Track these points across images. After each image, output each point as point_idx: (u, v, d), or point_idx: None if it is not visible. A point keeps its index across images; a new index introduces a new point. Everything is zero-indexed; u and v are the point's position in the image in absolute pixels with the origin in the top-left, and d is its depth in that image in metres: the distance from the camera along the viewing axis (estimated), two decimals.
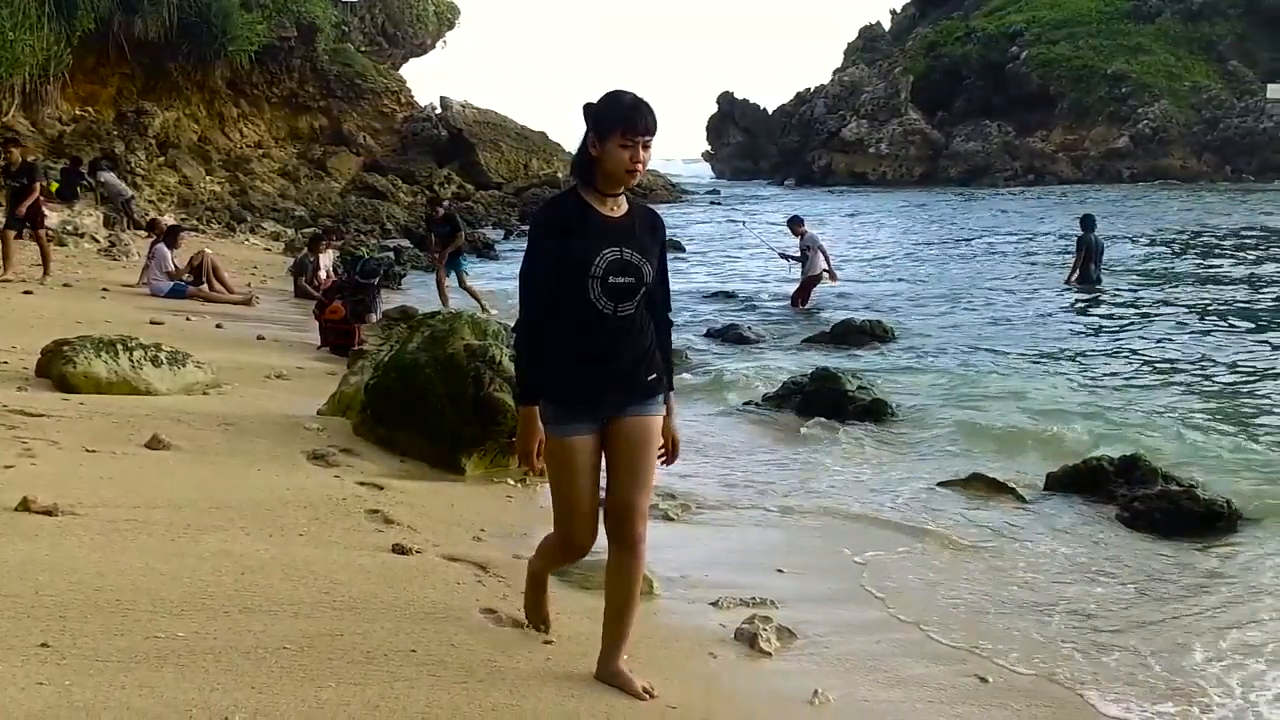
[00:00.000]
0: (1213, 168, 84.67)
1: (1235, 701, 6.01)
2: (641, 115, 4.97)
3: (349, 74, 59.92)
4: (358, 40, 65.10)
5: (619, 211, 5.09)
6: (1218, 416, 13.24)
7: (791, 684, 5.63)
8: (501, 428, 9.22)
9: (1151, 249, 35.68)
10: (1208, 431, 12.42)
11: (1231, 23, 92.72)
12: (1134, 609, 7.32)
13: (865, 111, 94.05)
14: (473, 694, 4.81)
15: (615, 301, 4.98)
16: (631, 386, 5.10)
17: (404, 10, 69.79)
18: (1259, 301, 23.62)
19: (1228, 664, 6.46)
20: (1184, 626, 7.02)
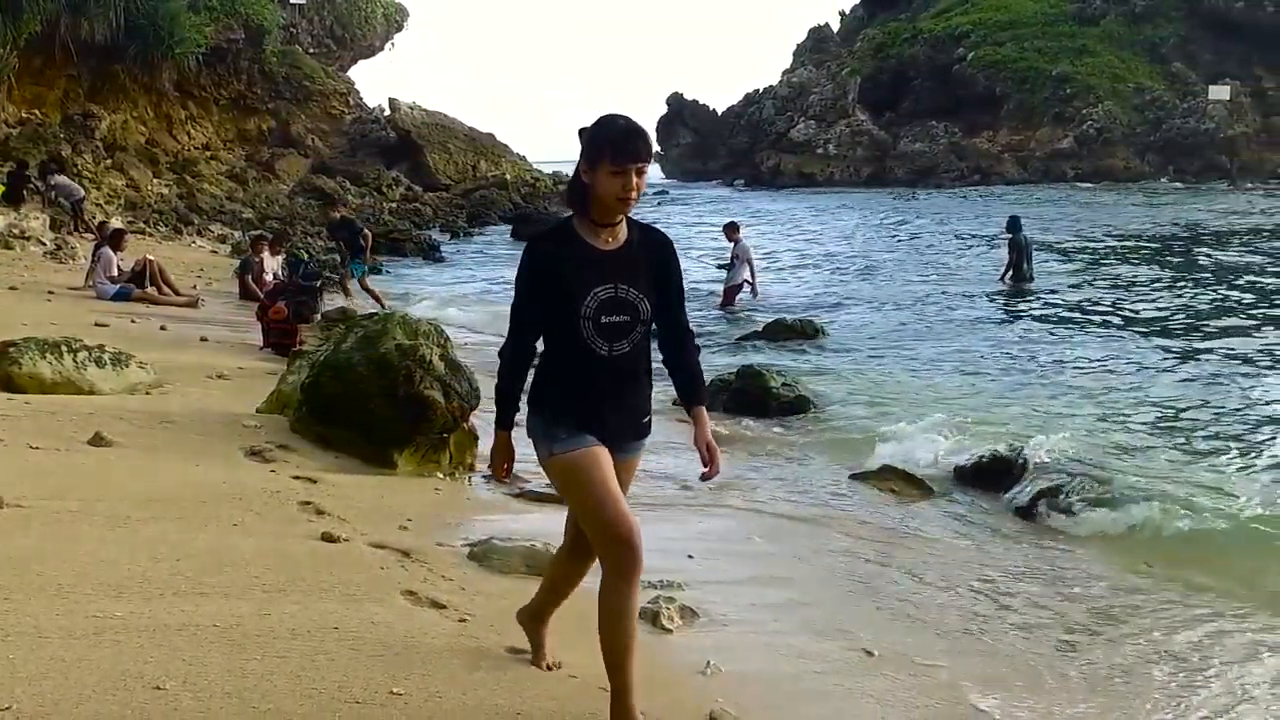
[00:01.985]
0: (1156, 168, 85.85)
1: (1106, 679, 6.51)
2: (632, 141, 4.77)
3: (297, 76, 59.95)
4: (306, 42, 65.12)
5: (615, 242, 4.90)
6: (1126, 412, 13.82)
7: (687, 657, 6.08)
8: (431, 424, 9.65)
9: (1083, 249, 36.39)
10: (1115, 426, 12.99)
11: (1174, 25, 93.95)
12: (1021, 593, 7.84)
13: (813, 113, 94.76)
14: (388, 665, 5.19)
15: (610, 341, 4.82)
16: (629, 427, 5.01)
17: (352, 12, 69.80)
18: (1178, 302, 24.30)
19: (1103, 643, 6.98)
20: (1067, 609, 7.54)
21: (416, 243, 38.98)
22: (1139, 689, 6.37)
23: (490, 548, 7.28)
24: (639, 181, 4.79)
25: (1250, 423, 13.26)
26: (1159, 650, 6.91)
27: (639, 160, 4.77)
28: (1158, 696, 6.30)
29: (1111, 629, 7.26)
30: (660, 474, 10.63)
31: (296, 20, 64.49)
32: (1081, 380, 16.08)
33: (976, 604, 7.59)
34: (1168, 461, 11.59)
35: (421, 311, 18.28)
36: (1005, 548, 8.88)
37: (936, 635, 6.96)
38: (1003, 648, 6.89)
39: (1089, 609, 7.61)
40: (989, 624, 7.28)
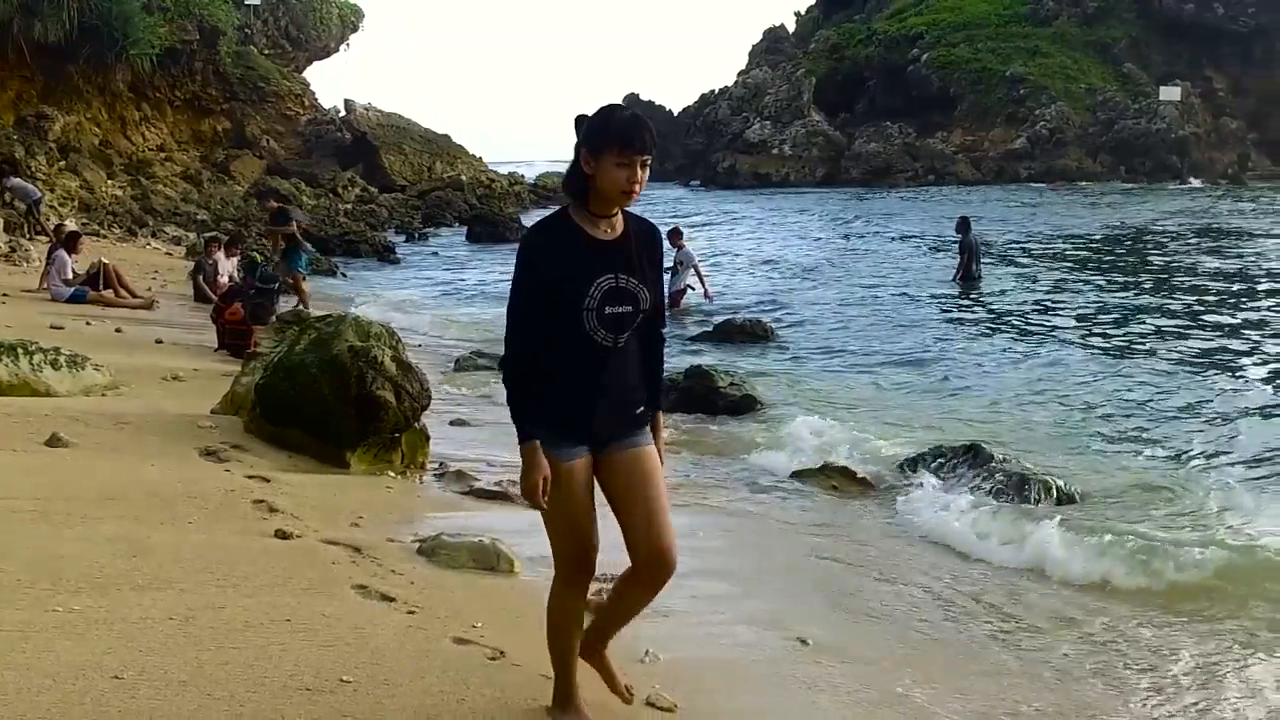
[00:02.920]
0: (1108, 168, 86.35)
1: (1040, 670, 6.80)
2: (639, 132, 4.70)
3: (252, 77, 59.93)
4: (261, 43, 65.04)
5: (614, 233, 4.82)
6: (1064, 408, 14.21)
7: (628, 646, 6.30)
8: (383, 424, 9.86)
9: (1031, 249, 36.85)
10: (1051, 421, 13.38)
11: (1126, 26, 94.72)
12: (956, 585, 8.13)
13: (769, 113, 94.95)
14: (338, 655, 5.40)
15: (613, 332, 4.75)
16: (623, 418, 4.90)
17: (307, 13, 69.70)
18: (1121, 302, 24.72)
19: (1039, 635, 7.28)
20: (1003, 603, 7.85)
21: (371, 244, 39.07)
22: (1073, 680, 6.63)
23: (439, 543, 7.49)
24: (643, 174, 4.72)
25: (1166, 418, 13.79)
26: (1093, 644, 7.20)
27: (645, 152, 4.70)
28: (1091, 687, 6.56)
29: (1046, 622, 7.54)
30: None
31: (251, 21, 64.38)
32: (1022, 378, 16.43)
33: (911, 595, 7.88)
34: (1097, 454, 12.03)
35: (373, 313, 18.46)
36: (946, 534, 9.20)
37: (871, 625, 7.25)
38: (936, 638, 7.16)
39: (1025, 602, 7.89)
40: (923, 614, 7.55)
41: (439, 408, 12.82)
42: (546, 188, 69.77)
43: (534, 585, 7.28)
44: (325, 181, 56.27)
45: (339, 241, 38.97)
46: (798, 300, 25.77)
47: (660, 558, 4.96)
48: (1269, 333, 19.84)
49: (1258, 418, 13.42)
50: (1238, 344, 18.77)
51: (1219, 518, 9.57)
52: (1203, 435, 12.81)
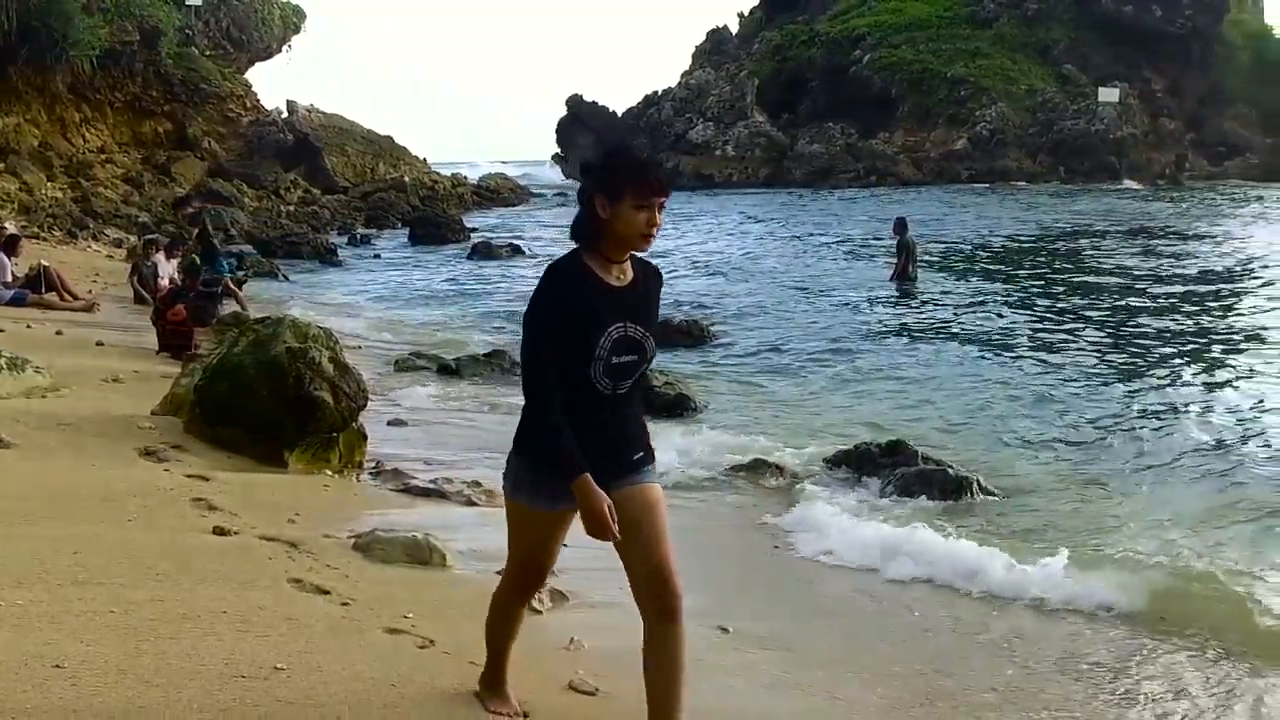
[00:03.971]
0: (1047, 168, 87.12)
1: (954, 662, 7.10)
2: (657, 174, 4.69)
3: (193, 78, 59.59)
4: (202, 44, 64.63)
5: (626, 278, 4.76)
6: (992, 406, 14.58)
7: (555, 635, 6.57)
8: (321, 424, 10.07)
9: (967, 249, 37.35)
10: (972, 418, 13.77)
11: (1065, 28, 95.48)
12: (876, 575, 8.45)
13: (712, 114, 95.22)
14: (273, 644, 5.62)
15: (615, 381, 4.68)
16: (620, 464, 4.81)
17: (249, 14, 69.40)
18: (1052, 301, 25.20)
19: (956, 625, 7.58)
20: (924, 594, 8.16)
21: (314, 246, 39.09)
22: (986, 672, 6.94)
23: (374, 539, 7.72)
24: (659, 217, 4.66)
25: (1091, 415, 14.13)
26: (1009, 635, 7.51)
27: (664, 193, 4.67)
28: (1004, 678, 6.86)
29: (965, 614, 7.84)
30: None
31: (193, 22, 64.00)
32: (953, 376, 16.79)
33: (832, 585, 8.18)
34: (1019, 450, 12.43)
35: (313, 315, 18.65)
36: (863, 531, 9.50)
37: (792, 614, 7.53)
38: (853, 626, 7.45)
39: (942, 593, 8.19)
40: (842, 604, 7.85)
41: (378, 408, 13.05)
42: (490, 189, 69.93)
43: (465, 578, 7.54)
44: (267, 183, 56.06)
45: (281, 243, 38.91)
46: (735, 300, 26.06)
47: (661, 583, 4.86)
48: (1192, 332, 20.31)
49: (1181, 416, 13.75)
50: (1163, 344, 19.17)
51: (1135, 520, 9.84)
52: (1127, 433, 13.14)
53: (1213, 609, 7.49)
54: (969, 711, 6.31)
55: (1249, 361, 17.44)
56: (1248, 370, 16.77)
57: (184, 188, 52.62)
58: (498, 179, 75.44)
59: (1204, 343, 19.31)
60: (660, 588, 4.84)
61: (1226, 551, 8.85)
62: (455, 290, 29.57)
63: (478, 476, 10.30)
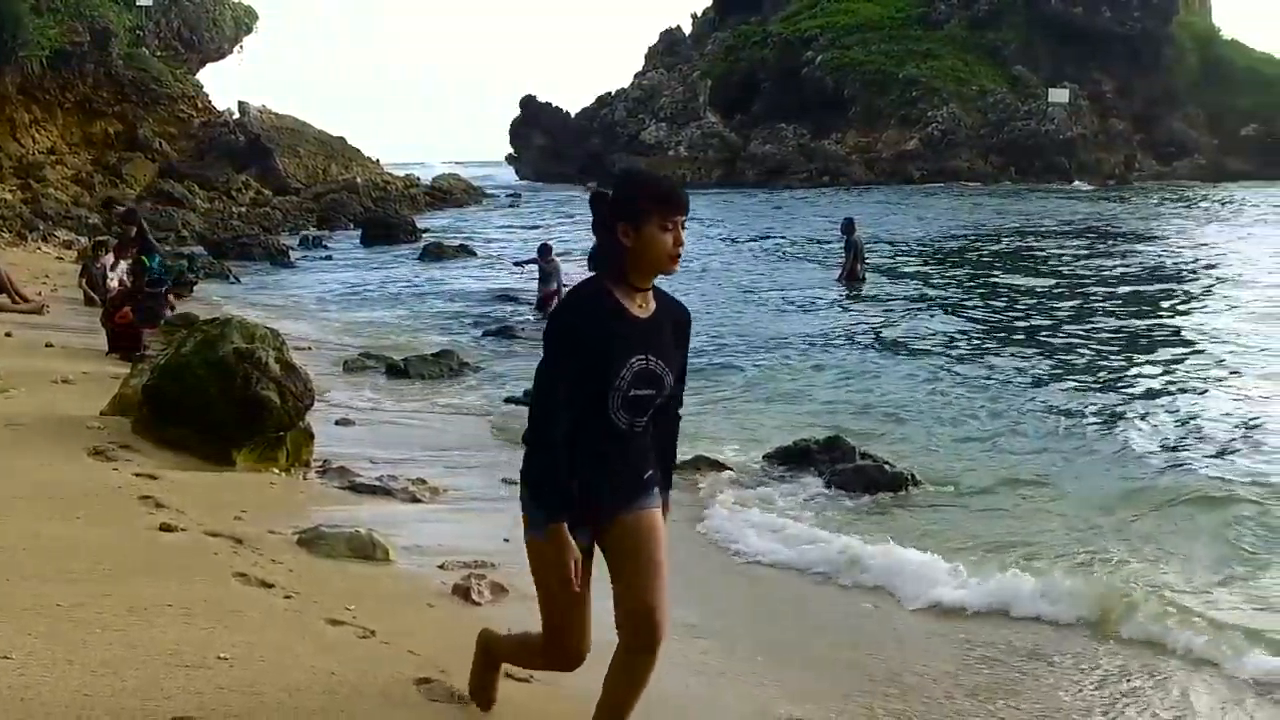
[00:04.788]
0: (998, 169, 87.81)
1: (851, 652, 7.33)
2: (677, 193, 4.62)
3: (144, 79, 59.39)
4: (153, 45, 64.38)
5: (647, 309, 4.63)
6: (929, 403, 14.87)
7: (494, 626, 6.74)
8: (268, 423, 10.24)
9: (916, 249, 37.75)
10: (914, 417, 14.04)
11: (1015, 29, 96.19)
12: (801, 566, 8.71)
13: (665, 115, 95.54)
14: (217, 635, 5.79)
15: (632, 415, 4.58)
16: (632, 489, 4.73)
17: (200, 15, 69.18)
18: (998, 300, 25.57)
19: (867, 617, 7.83)
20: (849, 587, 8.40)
21: (265, 247, 39.09)
22: (893, 660, 7.18)
23: (318, 534, 7.90)
24: (683, 236, 4.60)
25: (1029, 413, 14.42)
26: (933, 634, 7.75)
27: (686, 211, 4.59)
28: (908, 667, 7.10)
29: (869, 604, 8.10)
30: (492, 467, 11.36)
31: (143, 23, 63.76)
32: (896, 373, 17.09)
33: (757, 576, 8.42)
34: (957, 446, 12.72)
35: (262, 316, 18.78)
36: (788, 523, 9.76)
37: (720, 605, 7.74)
38: (775, 621, 7.67)
39: (863, 587, 8.43)
40: (769, 594, 8.07)
41: (326, 408, 13.22)
42: (443, 190, 69.91)
43: (406, 572, 7.73)
44: (219, 184, 55.93)
45: (232, 244, 38.91)
46: (683, 300, 26.25)
47: (644, 618, 4.74)
48: (1134, 332, 20.64)
49: (1124, 418, 13.95)
50: (1104, 344, 19.46)
51: (1066, 523, 9.99)
52: (1066, 432, 13.33)
53: (1141, 611, 7.57)
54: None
55: (1189, 360, 17.75)
56: (1187, 369, 17.07)
57: (135, 189, 52.49)
58: (450, 179, 75.37)
59: (1146, 342, 19.61)
60: (646, 627, 4.75)
61: (1161, 555, 8.99)
62: (406, 291, 29.69)
63: (423, 474, 10.56)
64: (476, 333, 21.56)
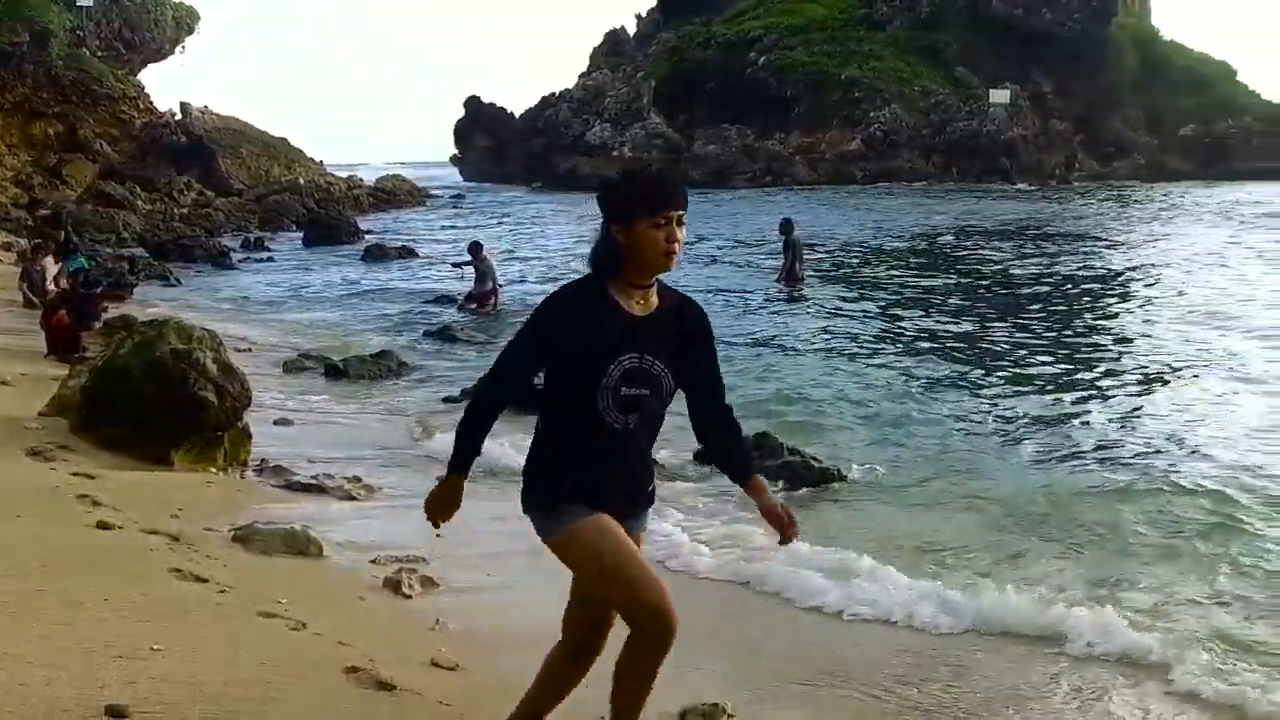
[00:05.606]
0: (940, 169, 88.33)
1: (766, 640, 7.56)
2: (670, 187, 4.51)
3: (85, 79, 59.09)
4: (94, 45, 64.08)
5: (646, 308, 4.54)
6: (862, 401, 15.14)
7: (422, 617, 6.97)
8: (205, 423, 10.39)
9: (856, 248, 38.11)
10: (845, 415, 14.31)
11: (958, 30, 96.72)
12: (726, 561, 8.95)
13: (609, 115, 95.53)
14: (152, 627, 5.96)
15: (625, 414, 4.46)
16: (631, 496, 4.67)
17: (141, 15, 68.88)
18: (933, 299, 25.90)
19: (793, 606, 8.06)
20: None
21: (207, 249, 39.02)
22: (810, 648, 7.42)
23: (253, 531, 8.08)
24: (680, 231, 4.48)
25: (959, 411, 14.68)
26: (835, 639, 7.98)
27: (680, 207, 4.47)
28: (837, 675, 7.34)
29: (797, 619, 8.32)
30: (425, 466, 11.54)
31: (84, 23, 63.43)
32: (825, 373, 17.34)
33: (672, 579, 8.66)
34: (884, 442, 13.01)
35: (204, 317, 18.88)
36: (717, 518, 10.02)
37: None
38: (705, 613, 7.89)
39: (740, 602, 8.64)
40: (691, 587, 8.31)
41: (266, 407, 13.36)
42: (386, 191, 69.85)
43: (340, 566, 7.93)
44: (161, 185, 55.65)
45: (174, 246, 38.81)
46: None
47: (601, 622, 4.79)
48: (1065, 333, 20.95)
49: (1061, 421, 14.19)
50: (1034, 343, 19.77)
51: (985, 527, 10.06)
52: (993, 432, 13.53)
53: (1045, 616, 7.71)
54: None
55: (1114, 361, 18.04)
56: (1111, 370, 17.34)
57: (76, 190, 52.19)
58: (394, 181, 75.28)
59: (1074, 343, 19.86)
60: (599, 627, 4.79)
61: (1078, 560, 9.09)
62: (347, 292, 29.74)
63: (359, 472, 10.74)
64: (416, 333, 21.70)
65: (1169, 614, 7.76)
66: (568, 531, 4.49)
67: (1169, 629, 7.44)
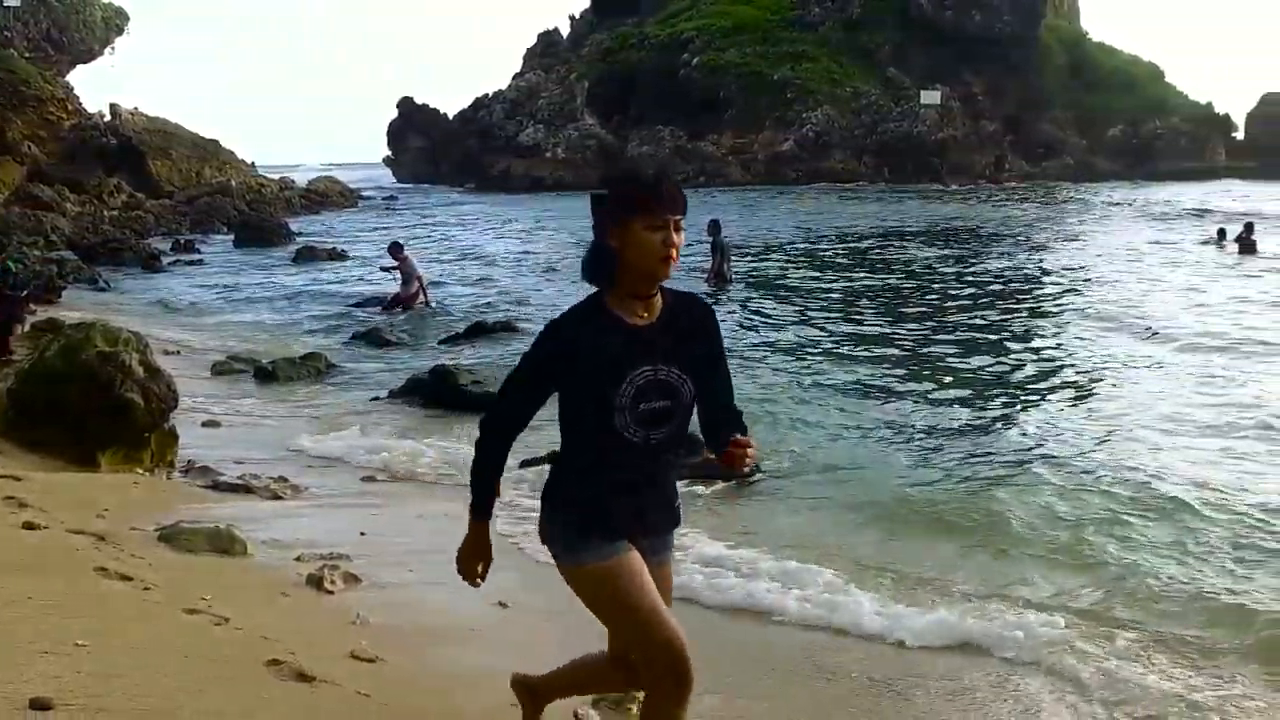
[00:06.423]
0: (872, 169, 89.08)
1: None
2: (668, 188, 4.29)
3: (12, 80, 58.59)
4: (21, 46, 63.67)
5: (651, 316, 4.35)
6: (778, 399, 15.36)
7: (344, 612, 7.12)
8: (132, 425, 10.50)
9: (779, 251, 38.40)
10: (762, 412, 14.49)
11: (888, 32, 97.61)
12: None
13: (542, 116, 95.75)
14: (77, 624, 6.05)
15: (648, 429, 4.28)
16: (661, 521, 4.52)
17: (69, 15, 68.43)
18: (859, 299, 26.25)
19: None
20: None
21: (137, 251, 38.86)
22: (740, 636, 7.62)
23: (178, 530, 8.20)
24: (679, 237, 4.28)
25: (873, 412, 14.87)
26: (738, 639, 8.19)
27: (679, 210, 4.28)
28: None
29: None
30: (356, 465, 11.69)
31: (10, 23, 63.00)
32: (746, 373, 17.54)
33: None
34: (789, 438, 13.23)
35: (133, 321, 18.89)
36: None
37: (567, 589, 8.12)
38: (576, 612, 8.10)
39: None
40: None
41: (194, 409, 13.46)
42: (318, 193, 69.70)
43: (263, 564, 8.06)
44: (90, 187, 55.39)
45: (103, 248, 38.70)
46: (548, 299, 26.83)
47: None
48: (978, 334, 21.17)
49: (958, 416, 14.46)
50: (945, 344, 19.97)
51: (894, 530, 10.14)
52: (909, 431, 13.75)
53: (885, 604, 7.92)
54: None
55: (1029, 362, 18.30)
56: (1027, 370, 17.64)
57: (3, 192, 51.71)
58: (326, 182, 75.21)
59: (992, 342, 20.04)
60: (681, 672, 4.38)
61: (963, 558, 9.23)
62: (277, 295, 29.80)
63: (285, 472, 10.88)
64: (345, 335, 21.82)
65: (1049, 609, 7.93)
66: (594, 569, 4.34)
67: (1047, 625, 7.59)
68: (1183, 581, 8.41)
